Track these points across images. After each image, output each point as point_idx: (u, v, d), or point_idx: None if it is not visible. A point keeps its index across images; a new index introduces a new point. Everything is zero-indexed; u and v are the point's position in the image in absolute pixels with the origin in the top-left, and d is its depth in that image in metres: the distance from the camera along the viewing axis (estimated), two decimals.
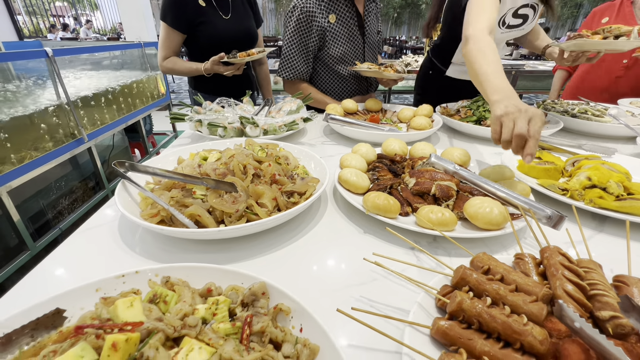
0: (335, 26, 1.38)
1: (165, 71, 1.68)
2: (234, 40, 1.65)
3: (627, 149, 1.15)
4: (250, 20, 1.76)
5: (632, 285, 0.45)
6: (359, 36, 1.45)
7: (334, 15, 1.37)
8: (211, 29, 1.59)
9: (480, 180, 0.71)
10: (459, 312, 0.41)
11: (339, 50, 1.42)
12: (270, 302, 0.43)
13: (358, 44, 1.48)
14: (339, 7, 1.37)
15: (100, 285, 0.45)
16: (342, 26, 1.39)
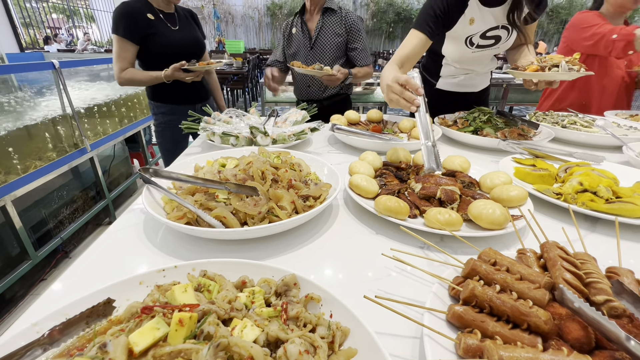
0: (295, 36, 1.86)
1: (123, 83, 1.75)
2: (185, 48, 1.82)
3: (614, 157, 1.22)
4: (196, 31, 1.93)
5: (623, 275, 0.50)
6: (307, 46, 1.84)
7: (295, 28, 1.86)
8: (162, 39, 1.73)
9: None
10: (471, 298, 0.45)
11: (293, 52, 1.90)
12: (301, 292, 0.48)
13: (306, 51, 1.86)
14: (298, 24, 1.85)
15: (143, 278, 0.48)
16: (297, 37, 1.85)
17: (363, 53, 1.87)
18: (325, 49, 1.83)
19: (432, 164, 0.85)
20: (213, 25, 13.31)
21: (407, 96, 0.93)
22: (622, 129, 1.46)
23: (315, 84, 1.94)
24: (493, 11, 1.29)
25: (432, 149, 0.87)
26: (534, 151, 1.13)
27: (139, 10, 1.67)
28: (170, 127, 1.92)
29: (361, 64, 1.87)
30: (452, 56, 1.50)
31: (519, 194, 0.79)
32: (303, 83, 1.98)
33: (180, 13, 1.88)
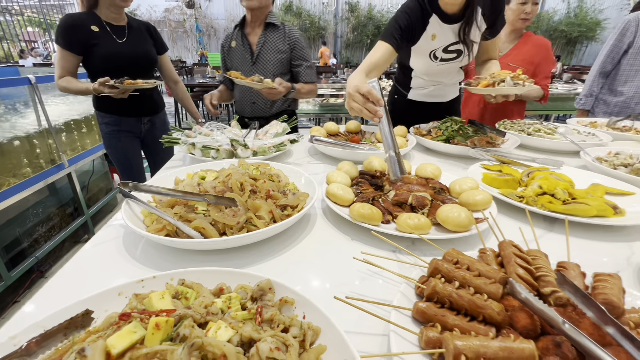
0: (235, 50, 1.84)
1: (61, 89, 1.81)
2: (130, 61, 1.84)
3: (573, 161, 1.32)
4: (147, 45, 1.95)
5: (570, 268, 0.56)
6: (249, 60, 1.82)
7: (235, 42, 1.84)
8: (104, 51, 1.77)
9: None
10: (433, 295, 0.49)
11: (233, 67, 1.87)
12: (276, 296, 0.50)
13: (247, 65, 1.84)
14: (239, 37, 1.83)
15: (122, 289, 0.50)
16: (238, 51, 1.83)
17: (308, 70, 1.86)
18: (267, 64, 1.80)
19: (397, 174, 0.91)
20: (195, 39, 13.34)
21: (369, 107, 0.96)
22: (582, 135, 1.57)
23: (261, 100, 1.88)
24: (452, 27, 1.39)
25: (394, 158, 0.92)
26: (501, 158, 1.20)
27: (83, 22, 1.74)
28: (115, 137, 1.96)
29: (305, 80, 1.86)
30: (420, 69, 1.60)
31: (483, 198, 0.85)
32: (247, 100, 1.90)
33: (134, 26, 1.90)
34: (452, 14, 1.37)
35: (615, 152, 1.27)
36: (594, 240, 0.78)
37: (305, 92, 1.85)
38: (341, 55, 16.69)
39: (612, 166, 1.16)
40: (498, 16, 1.39)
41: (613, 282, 0.51)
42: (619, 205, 0.87)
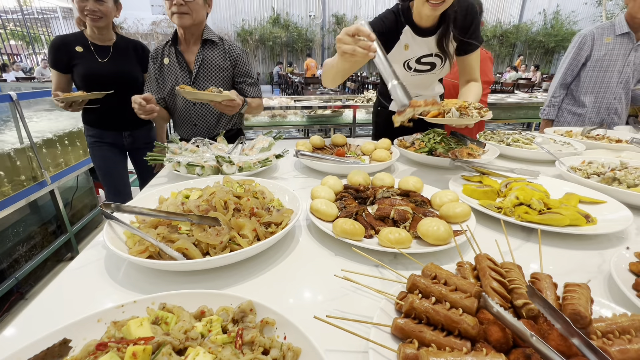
0: (168, 68, 1.67)
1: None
2: (111, 80, 1.93)
3: (550, 170, 1.37)
4: (129, 64, 2.03)
5: (542, 279, 0.58)
6: (187, 81, 1.67)
7: (168, 59, 1.67)
8: (83, 70, 1.90)
9: None
10: (411, 311, 0.51)
11: (168, 86, 1.69)
12: (257, 317, 0.51)
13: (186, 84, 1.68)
14: (171, 53, 1.67)
15: (102, 316, 0.50)
16: (172, 69, 1.67)
17: (253, 87, 1.78)
18: (208, 84, 1.68)
19: (403, 101, 0.96)
20: None
21: (362, 45, 0.93)
22: (558, 144, 1.63)
23: (203, 121, 1.75)
24: (425, 40, 1.45)
25: (398, 86, 0.94)
26: (480, 169, 1.24)
27: (69, 42, 1.89)
28: (98, 146, 2.08)
29: (252, 96, 1.77)
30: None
31: (463, 210, 0.87)
32: (188, 121, 1.75)
33: (121, 46, 1.99)
34: (425, 27, 1.43)
35: (588, 161, 1.32)
36: (568, 249, 0.81)
37: (255, 107, 1.73)
38: None
39: (585, 175, 1.21)
40: (471, 28, 1.44)
41: (581, 292, 0.53)
42: (591, 214, 0.91)
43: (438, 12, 1.33)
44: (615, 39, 2.05)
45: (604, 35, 2.08)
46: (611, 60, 2.08)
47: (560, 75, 2.26)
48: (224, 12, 15.75)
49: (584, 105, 2.22)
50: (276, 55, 16.81)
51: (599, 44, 2.09)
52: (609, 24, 2.09)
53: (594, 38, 2.09)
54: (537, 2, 17.35)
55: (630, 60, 2.06)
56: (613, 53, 2.07)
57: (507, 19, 17.62)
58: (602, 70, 2.12)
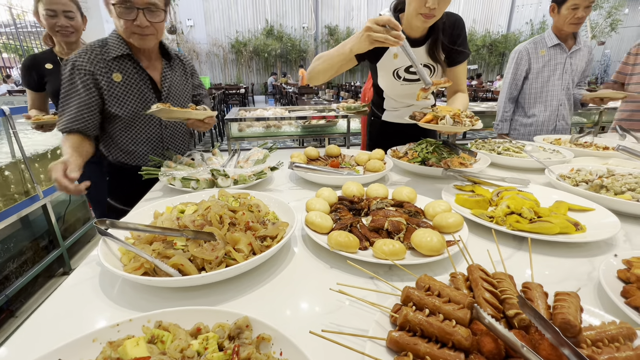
0: (123, 86, 1.33)
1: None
2: None
3: (540, 178, 1.40)
4: None
5: (533, 289, 0.59)
6: (153, 99, 1.41)
7: (119, 75, 1.31)
8: (52, 88, 1.91)
9: None
10: (405, 324, 0.51)
11: (127, 110, 1.35)
12: (253, 333, 0.51)
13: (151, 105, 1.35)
14: (126, 68, 1.33)
15: (97, 335, 0.49)
16: (130, 88, 1.34)
17: (207, 98, 1.71)
18: (178, 102, 1.50)
19: (427, 79, 1.20)
20: None
21: (393, 34, 1.09)
22: (547, 152, 1.67)
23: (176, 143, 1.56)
24: (415, 50, 1.50)
25: (423, 68, 1.09)
26: (472, 178, 1.26)
27: (39, 61, 1.91)
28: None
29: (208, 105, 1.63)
30: (386, 88, 1.71)
31: (455, 220, 0.89)
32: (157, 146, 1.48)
33: None
34: (415, 38, 1.50)
35: (577, 169, 1.36)
36: (558, 257, 0.83)
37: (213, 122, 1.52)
38: None
39: (574, 183, 1.24)
40: (459, 40, 1.50)
41: (571, 301, 0.54)
42: (580, 222, 0.93)
43: (429, 24, 1.39)
44: (548, 50, 2.19)
45: (538, 48, 2.22)
46: (550, 70, 2.22)
47: (506, 90, 2.37)
48: (218, 24, 15.93)
49: (533, 115, 2.34)
50: (270, 66, 16.99)
51: (535, 57, 2.23)
52: (539, 38, 2.24)
53: (529, 52, 2.23)
54: (524, 12, 17.87)
55: (567, 67, 2.20)
56: (550, 63, 2.20)
57: (495, 29, 18.09)
58: (544, 80, 2.25)
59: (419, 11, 1.33)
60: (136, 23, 1.21)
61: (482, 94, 10.32)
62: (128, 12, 1.19)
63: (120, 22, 1.22)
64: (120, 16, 1.20)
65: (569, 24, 2.03)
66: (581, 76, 2.27)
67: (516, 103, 2.41)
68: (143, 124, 1.44)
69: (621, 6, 14.94)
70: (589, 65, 2.26)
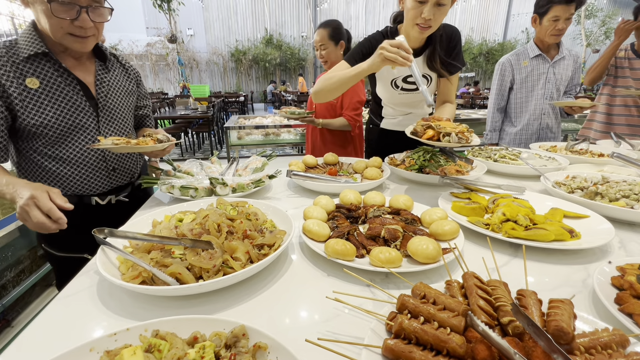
0: (40, 94, 1.07)
1: None
2: None
3: (536, 185, 1.41)
4: None
5: (528, 296, 0.60)
6: (90, 109, 1.16)
7: (36, 80, 1.06)
8: None
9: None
10: (401, 331, 0.52)
11: (52, 122, 1.09)
12: (250, 341, 0.51)
13: (86, 118, 1.16)
14: (44, 71, 1.08)
15: (94, 345, 0.50)
16: (52, 93, 1.09)
17: (151, 118, 1.54)
18: (116, 114, 1.26)
19: (430, 100, 1.24)
20: (177, 71, 13.56)
21: (403, 55, 1.15)
22: (543, 160, 1.68)
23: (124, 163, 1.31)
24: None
25: (427, 89, 1.17)
26: (469, 185, 1.28)
27: None
28: None
29: (151, 126, 1.52)
30: (385, 97, 1.76)
31: (451, 228, 0.89)
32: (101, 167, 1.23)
33: None
34: (413, 48, 1.50)
35: (572, 176, 1.37)
36: (553, 264, 0.83)
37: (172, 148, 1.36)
38: None
39: (569, 190, 1.25)
40: (454, 51, 1.56)
41: (564, 308, 0.55)
42: (575, 229, 0.94)
43: (425, 34, 1.43)
44: (530, 61, 2.24)
45: (520, 59, 2.28)
46: (533, 80, 2.26)
47: (493, 101, 2.43)
48: (218, 33, 16.12)
49: (520, 124, 2.38)
50: (269, 74, 17.14)
51: (518, 68, 2.28)
52: (522, 49, 2.29)
53: (512, 64, 2.29)
54: (519, 21, 18.13)
55: (550, 77, 2.23)
56: (533, 74, 2.25)
57: (492, 37, 18.34)
58: (528, 90, 2.29)
59: (415, 22, 1.36)
60: (77, 23, 1.00)
61: (479, 101, 10.41)
62: (67, 10, 0.98)
63: (52, 21, 0.99)
64: (56, 14, 0.97)
65: (549, 35, 2.07)
66: (569, 84, 2.31)
67: (505, 113, 2.46)
68: (76, 140, 1.15)
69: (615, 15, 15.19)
70: (576, 73, 2.29)
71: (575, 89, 2.36)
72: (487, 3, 17.71)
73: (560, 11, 1.96)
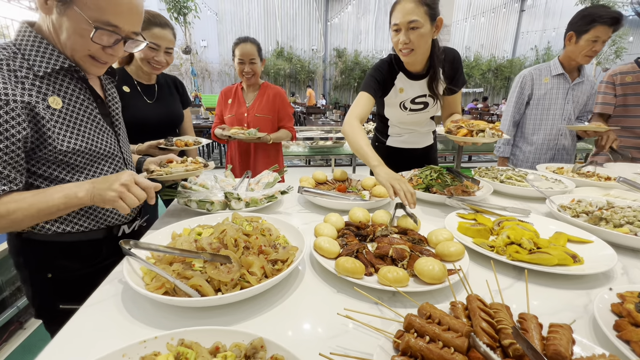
0: (65, 115, 0.92)
1: None
2: (158, 122, 1.83)
3: (542, 207, 1.44)
4: (175, 103, 1.95)
5: (529, 320, 0.63)
6: (106, 127, 1.04)
7: (58, 98, 0.91)
8: (133, 112, 1.70)
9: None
10: (407, 349, 0.56)
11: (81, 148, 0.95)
12: (267, 353, 0.55)
13: (109, 140, 1.04)
14: (64, 86, 0.93)
15: (126, 351, 0.55)
16: (77, 115, 0.95)
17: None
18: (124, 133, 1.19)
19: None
20: (190, 81, 13.91)
21: (409, 198, 1.17)
22: (549, 182, 1.71)
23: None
24: (418, 83, 1.67)
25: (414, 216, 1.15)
26: (475, 207, 1.31)
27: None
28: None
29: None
30: (393, 118, 1.85)
31: (457, 249, 0.93)
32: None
33: (162, 83, 1.92)
34: (416, 72, 1.66)
35: (577, 200, 1.40)
36: (556, 289, 0.86)
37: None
38: (330, 96, 17.51)
39: (574, 214, 1.27)
40: (456, 75, 1.67)
41: (563, 333, 0.58)
42: (578, 254, 0.97)
43: (411, 58, 1.54)
44: (552, 79, 2.22)
45: (542, 75, 2.25)
46: (552, 99, 2.23)
47: (510, 114, 2.40)
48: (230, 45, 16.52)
49: (533, 142, 2.35)
50: (279, 85, 17.46)
51: (539, 84, 2.24)
52: (545, 65, 2.26)
53: (532, 78, 2.26)
54: (529, 39, 18.27)
55: (569, 98, 2.22)
56: (552, 92, 2.22)
57: (501, 53, 18.46)
58: (545, 108, 2.26)
59: (398, 48, 1.51)
60: (109, 51, 0.91)
61: (487, 117, 10.44)
62: (107, 38, 0.88)
63: (82, 41, 0.87)
64: (95, 39, 0.86)
65: (583, 55, 2.03)
66: (582, 110, 2.30)
67: (518, 128, 2.44)
68: (104, 165, 1.03)
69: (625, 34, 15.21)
70: (590, 99, 2.28)
71: (587, 116, 2.34)
72: (496, 20, 17.90)
73: (601, 32, 1.92)
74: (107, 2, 0.83)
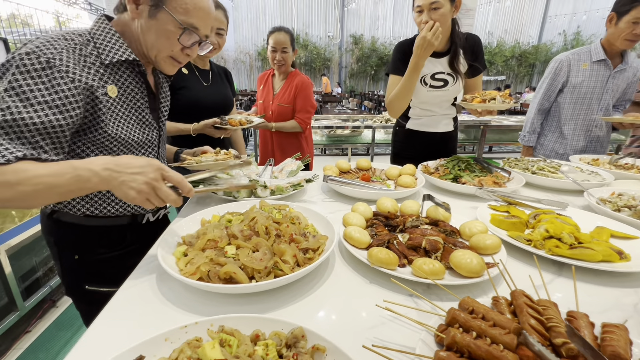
0: (117, 104, 0.95)
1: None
2: (213, 105, 1.88)
3: (578, 200, 1.37)
4: (227, 89, 2.02)
5: (579, 318, 0.60)
6: (151, 121, 1.08)
7: (115, 87, 0.94)
8: (192, 94, 1.79)
9: None
10: (453, 345, 0.54)
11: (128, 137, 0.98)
12: (308, 343, 0.55)
13: (151, 132, 1.08)
14: (122, 78, 0.97)
15: (168, 335, 0.55)
16: (128, 105, 0.99)
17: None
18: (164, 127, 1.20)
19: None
20: None
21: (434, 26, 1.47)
22: (585, 174, 1.63)
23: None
24: (439, 60, 1.75)
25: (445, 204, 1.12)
26: (507, 199, 1.26)
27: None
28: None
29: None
30: (414, 97, 1.86)
31: (493, 242, 0.89)
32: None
33: (215, 70, 1.98)
34: (438, 51, 1.73)
35: (618, 193, 1.32)
36: (602, 286, 0.82)
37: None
38: (345, 84, 17.25)
39: (615, 208, 1.20)
40: (477, 59, 1.76)
41: (620, 334, 0.55)
42: (624, 251, 0.91)
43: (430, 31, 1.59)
44: (591, 65, 2.04)
45: (581, 61, 2.07)
46: (589, 87, 2.07)
47: (538, 101, 2.25)
48: (246, 32, 16.44)
49: (564, 132, 2.21)
50: None
51: (576, 70, 2.08)
52: (585, 49, 2.08)
53: (570, 64, 2.09)
54: (557, 23, 17.30)
55: (608, 87, 2.05)
56: (591, 80, 2.05)
57: (526, 39, 17.60)
58: (581, 97, 2.10)
59: (420, 29, 1.58)
60: (187, 52, 0.97)
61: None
62: (191, 40, 0.95)
63: (167, 42, 0.93)
64: (181, 41, 0.93)
65: (623, 39, 1.87)
66: (620, 98, 2.14)
67: (547, 116, 2.30)
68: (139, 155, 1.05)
69: None
70: (630, 87, 2.11)
71: (625, 105, 2.19)
72: (522, 4, 17.01)
73: None
74: (193, 5, 0.91)
